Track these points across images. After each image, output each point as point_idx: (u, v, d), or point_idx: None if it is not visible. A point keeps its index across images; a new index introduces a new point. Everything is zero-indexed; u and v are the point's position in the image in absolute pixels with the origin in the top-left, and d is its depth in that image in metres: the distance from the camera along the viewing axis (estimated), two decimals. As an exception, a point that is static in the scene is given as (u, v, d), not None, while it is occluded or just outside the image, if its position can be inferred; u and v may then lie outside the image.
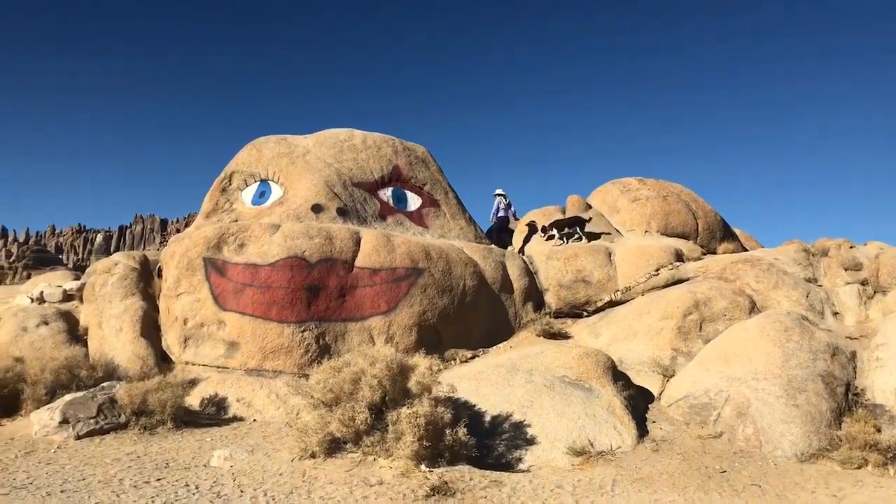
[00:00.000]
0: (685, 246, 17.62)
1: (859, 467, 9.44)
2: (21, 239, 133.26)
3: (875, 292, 14.22)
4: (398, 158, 17.91)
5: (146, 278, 15.34)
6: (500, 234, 19.46)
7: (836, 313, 14.11)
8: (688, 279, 15.75)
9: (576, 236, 18.02)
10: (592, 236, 18.16)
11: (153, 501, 7.51)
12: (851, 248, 16.19)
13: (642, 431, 10.62)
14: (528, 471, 9.37)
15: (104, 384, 11.74)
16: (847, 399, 10.93)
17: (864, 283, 14.52)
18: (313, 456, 9.33)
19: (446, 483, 8.25)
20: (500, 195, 19.94)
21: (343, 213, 15.71)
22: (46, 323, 14.45)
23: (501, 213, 19.82)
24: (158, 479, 8.40)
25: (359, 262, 13.91)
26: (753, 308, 14.05)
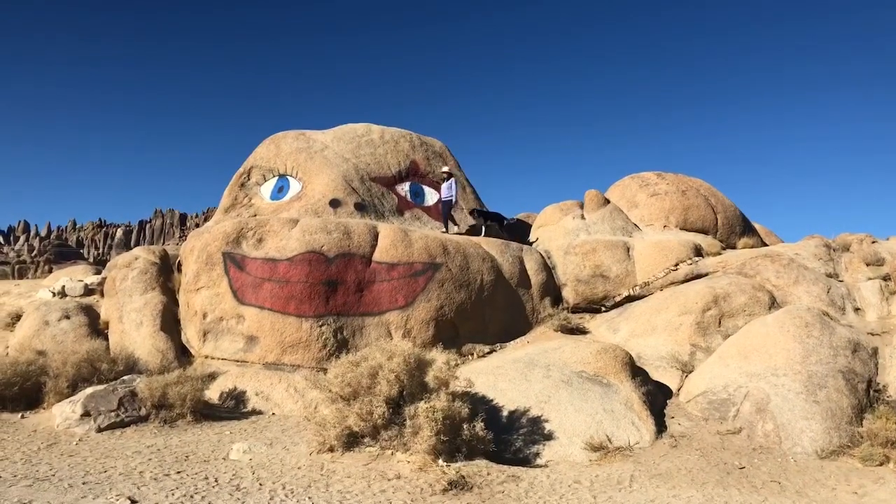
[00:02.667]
0: (704, 241, 17.49)
1: (881, 464, 9.35)
2: (43, 233, 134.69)
3: (897, 288, 14.05)
4: (416, 153, 17.92)
5: (166, 273, 15.47)
6: (450, 216, 17.31)
7: (857, 309, 13.96)
8: (707, 274, 15.64)
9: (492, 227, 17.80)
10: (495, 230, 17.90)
11: (173, 494, 7.57)
12: (874, 243, 16.00)
13: (660, 427, 10.58)
14: (545, 466, 9.36)
15: (125, 377, 11.85)
16: (868, 395, 10.83)
17: (886, 278, 14.35)
18: (331, 450, 9.38)
19: (464, 477, 8.26)
20: (452, 175, 17.57)
21: (361, 207, 15.75)
22: (68, 317, 14.61)
23: (451, 195, 17.26)
24: (178, 472, 8.47)
25: (376, 256, 13.94)
26: (773, 303, 13.93)
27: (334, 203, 15.57)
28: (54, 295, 16.44)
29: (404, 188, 17.18)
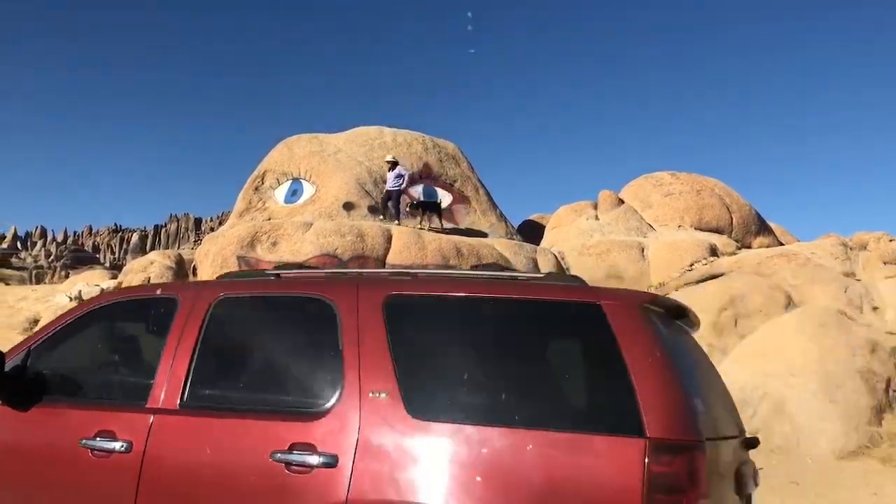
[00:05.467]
0: (719, 241, 17.40)
1: (900, 465, 9.26)
2: (59, 239, 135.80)
3: (916, 286, 13.92)
4: (428, 156, 17.93)
5: (181, 276, 15.56)
6: (396, 206, 16.07)
7: (875, 308, 13.83)
8: (722, 274, 15.55)
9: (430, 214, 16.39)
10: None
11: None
12: (891, 241, 15.86)
13: (677, 428, 10.52)
14: (561, 468, 9.33)
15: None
16: (887, 395, 10.73)
17: (904, 277, 14.22)
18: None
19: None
20: (398, 164, 16.20)
21: (374, 210, 15.77)
22: (85, 321, 14.69)
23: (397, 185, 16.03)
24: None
25: (390, 259, 13.96)
26: (790, 303, 13.83)
27: (348, 206, 15.60)
28: (71, 299, 16.57)
29: (417, 190, 17.18)
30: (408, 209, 16.20)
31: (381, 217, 15.62)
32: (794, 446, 9.93)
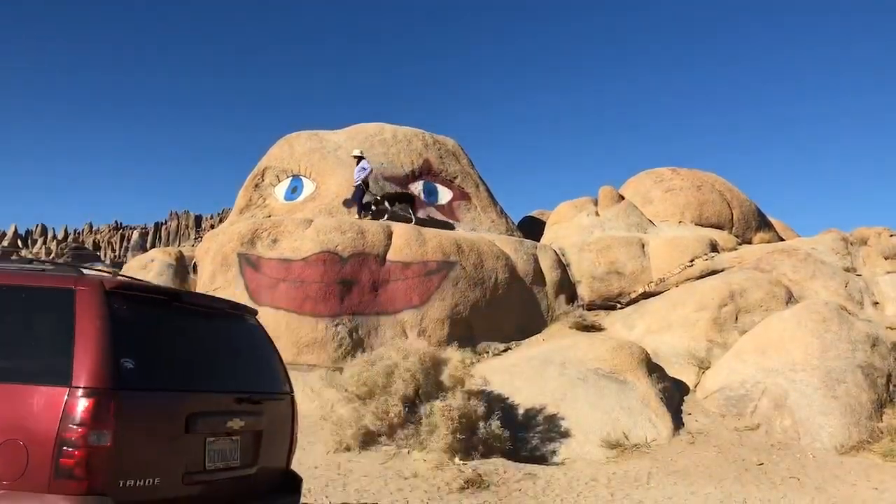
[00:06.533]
0: (720, 236, 17.40)
1: (901, 460, 9.26)
2: (60, 236, 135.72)
3: (916, 281, 13.91)
4: (428, 152, 17.91)
5: (182, 274, 15.58)
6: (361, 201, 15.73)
7: (875, 303, 13.84)
8: (723, 270, 15.56)
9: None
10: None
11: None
12: (892, 236, 15.87)
13: (678, 424, 10.54)
14: (562, 463, 9.35)
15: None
16: (888, 390, 10.74)
17: (904, 272, 14.22)
18: (348, 449, 9.40)
19: (480, 476, 8.27)
20: (363, 158, 15.83)
21: (366, 209, 15.73)
22: (86, 319, 14.71)
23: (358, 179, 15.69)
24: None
25: (391, 256, 13.96)
26: (790, 298, 13.84)
27: (348, 203, 15.60)
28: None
29: (417, 187, 17.17)
30: (373, 206, 15.80)
31: (371, 215, 15.34)
32: (795, 441, 9.94)
